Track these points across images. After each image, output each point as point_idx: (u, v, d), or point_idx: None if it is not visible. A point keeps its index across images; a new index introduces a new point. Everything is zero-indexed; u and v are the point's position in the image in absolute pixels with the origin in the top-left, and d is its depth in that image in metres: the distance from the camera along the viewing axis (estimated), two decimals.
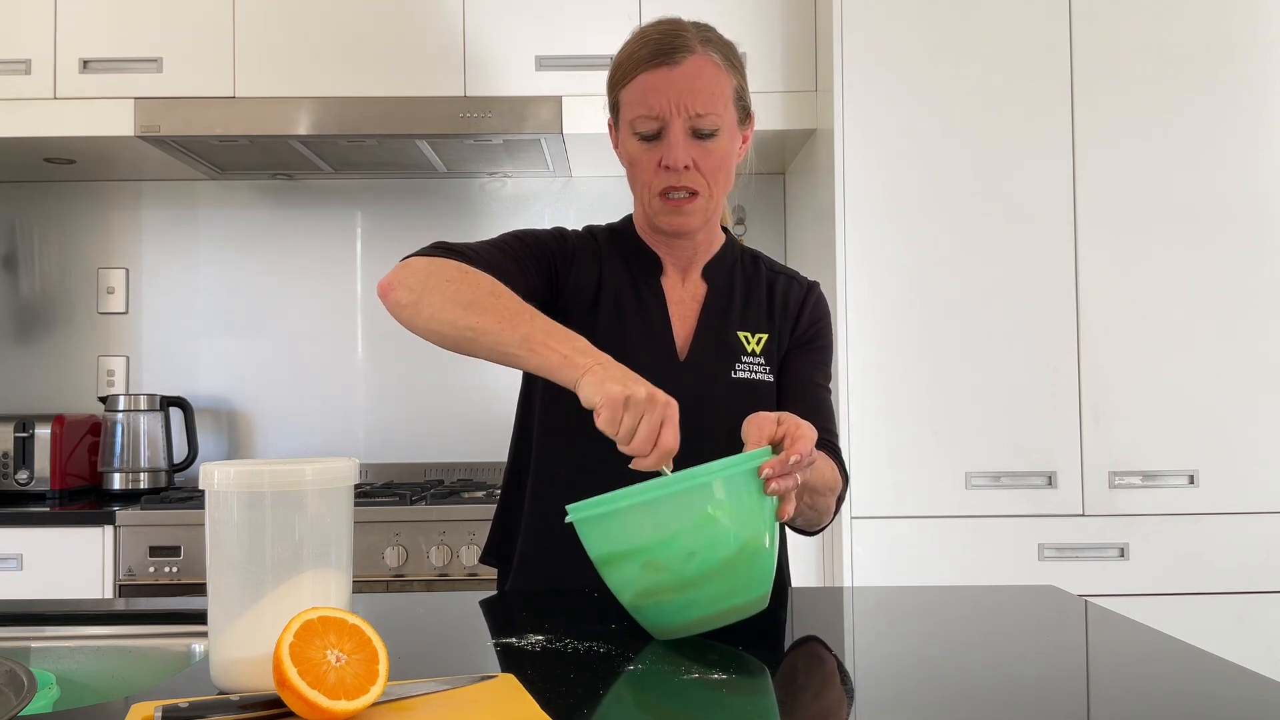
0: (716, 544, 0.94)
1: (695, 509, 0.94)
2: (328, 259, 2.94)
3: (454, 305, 1.12)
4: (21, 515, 2.32)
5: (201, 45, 2.51)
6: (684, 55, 1.25)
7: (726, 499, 0.95)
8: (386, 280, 1.17)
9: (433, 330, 1.14)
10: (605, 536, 0.96)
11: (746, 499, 0.97)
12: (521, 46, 2.51)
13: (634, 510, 0.94)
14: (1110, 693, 0.84)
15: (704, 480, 0.94)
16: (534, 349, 1.07)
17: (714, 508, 0.95)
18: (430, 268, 1.16)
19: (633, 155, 1.29)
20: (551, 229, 1.36)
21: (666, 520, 0.94)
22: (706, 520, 0.94)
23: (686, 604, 0.96)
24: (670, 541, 0.94)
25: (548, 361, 1.07)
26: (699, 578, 0.94)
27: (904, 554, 2.18)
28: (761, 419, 1.05)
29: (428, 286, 1.14)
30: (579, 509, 0.98)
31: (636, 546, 0.95)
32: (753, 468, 0.98)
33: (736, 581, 0.96)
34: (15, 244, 2.95)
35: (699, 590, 0.95)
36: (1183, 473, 2.20)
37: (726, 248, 1.40)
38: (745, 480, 0.97)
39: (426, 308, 1.13)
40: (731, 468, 0.96)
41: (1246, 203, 2.24)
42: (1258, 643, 2.16)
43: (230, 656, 0.82)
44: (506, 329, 1.09)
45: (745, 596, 0.98)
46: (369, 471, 2.85)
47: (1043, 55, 2.25)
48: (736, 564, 0.96)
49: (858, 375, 2.21)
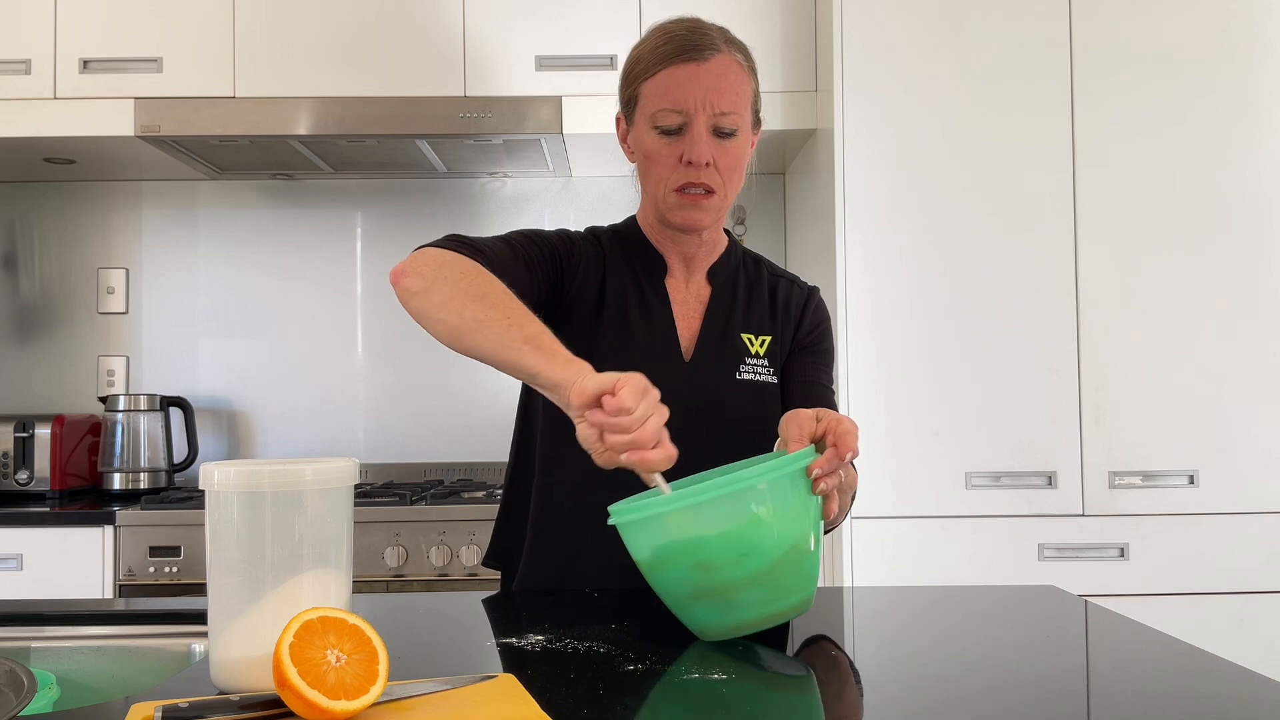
0: (767, 545, 0.94)
1: (746, 510, 0.93)
2: (328, 259, 2.94)
3: (464, 296, 1.11)
4: (21, 515, 2.32)
5: (201, 45, 2.51)
6: (711, 53, 1.25)
7: (777, 500, 0.95)
8: (400, 267, 1.16)
9: (439, 318, 1.12)
10: (653, 538, 0.96)
11: (795, 499, 0.96)
12: (521, 46, 2.51)
13: (684, 513, 0.93)
14: (1110, 693, 0.84)
15: (754, 481, 0.94)
16: (539, 346, 1.06)
17: (764, 509, 0.94)
18: (444, 258, 1.16)
19: (650, 149, 1.28)
20: (556, 230, 1.35)
21: (716, 522, 0.93)
22: (757, 521, 0.93)
23: (735, 605, 0.96)
24: (720, 542, 0.93)
25: (553, 358, 1.04)
26: (749, 579, 0.94)
27: (904, 554, 2.18)
28: (800, 416, 1.05)
29: (440, 275, 1.13)
30: (624, 511, 0.97)
31: (686, 548, 0.94)
32: (801, 467, 0.97)
33: (785, 583, 0.96)
34: (15, 244, 2.95)
35: (748, 592, 0.95)
36: (1183, 473, 2.20)
37: (730, 250, 1.40)
38: (794, 480, 0.97)
39: (437, 295, 1.12)
40: (781, 468, 0.95)
41: (1247, 202, 2.24)
42: (1258, 643, 2.16)
43: (230, 656, 0.82)
44: (514, 325, 1.08)
45: (794, 597, 0.98)
46: (369, 471, 2.85)
47: (1043, 55, 2.25)
48: (785, 565, 0.95)
49: (858, 375, 2.21)
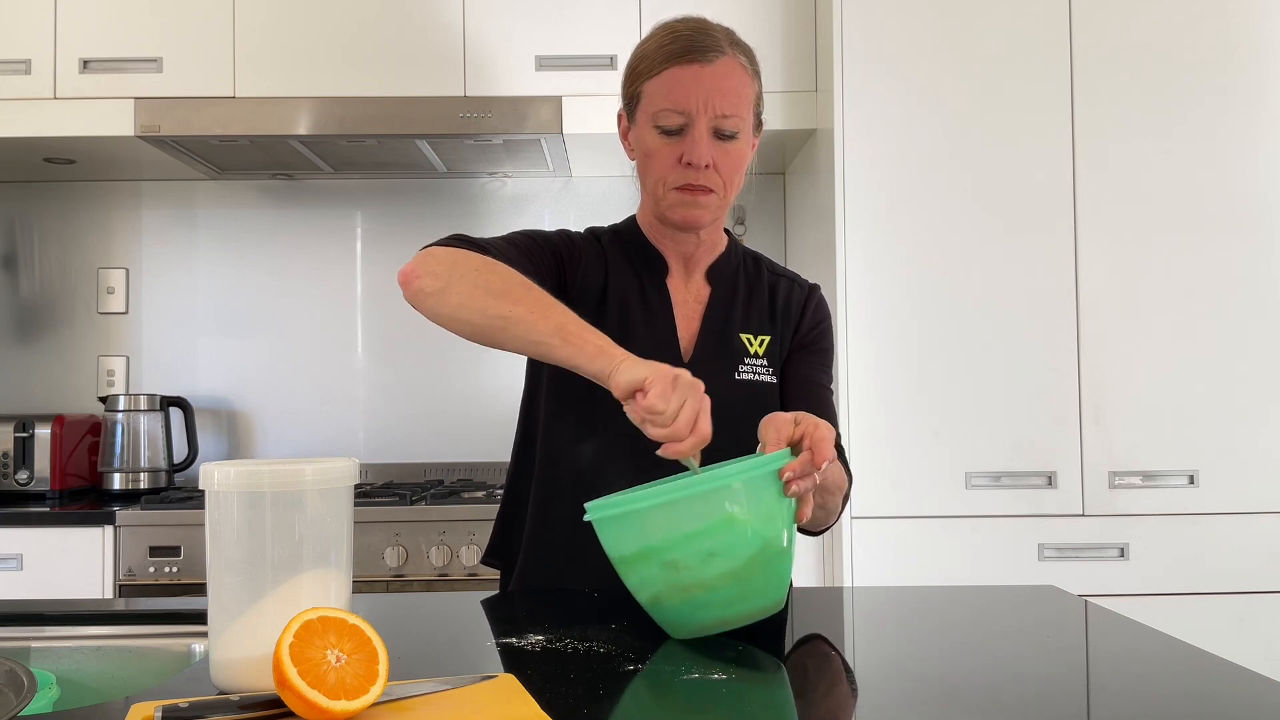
0: (737, 545, 0.94)
1: (716, 510, 0.94)
2: (328, 259, 2.94)
3: (484, 293, 1.11)
4: (21, 515, 2.32)
5: (201, 45, 2.51)
6: (716, 55, 1.25)
7: (748, 500, 0.95)
8: (409, 268, 1.14)
9: (459, 318, 1.12)
10: (625, 536, 0.96)
11: (767, 500, 0.97)
12: (521, 46, 2.51)
13: (655, 510, 0.94)
14: (1110, 693, 0.84)
15: (726, 481, 0.94)
16: (568, 339, 1.06)
17: (736, 508, 0.94)
18: (456, 256, 1.15)
19: (650, 148, 1.28)
20: (556, 231, 1.36)
21: (687, 520, 0.93)
22: (728, 521, 0.94)
23: (704, 604, 0.96)
24: (690, 541, 0.94)
25: (583, 350, 1.05)
26: (718, 578, 0.94)
27: (904, 554, 2.18)
28: (779, 420, 1.05)
29: (455, 274, 1.13)
30: (598, 508, 0.98)
31: (656, 546, 0.94)
32: (774, 469, 0.98)
33: (755, 583, 0.96)
34: (15, 244, 2.95)
35: (718, 591, 0.95)
36: (1183, 473, 2.20)
37: (729, 249, 1.40)
38: (766, 482, 0.97)
39: (454, 295, 1.12)
40: (754, 469, 0.96)
41: (1247, 202, 2.24)
42: (1258, 643, 2.16)
43: (230, 656, 0.82)
44: (540, 319, 1.08)
45: (763, 599, 0.98)
46: (369, 471, 2.85)
47: (1043, 55, 2.25)
48: (755, 566, 0.96)
49: (858, 375, 2.21)
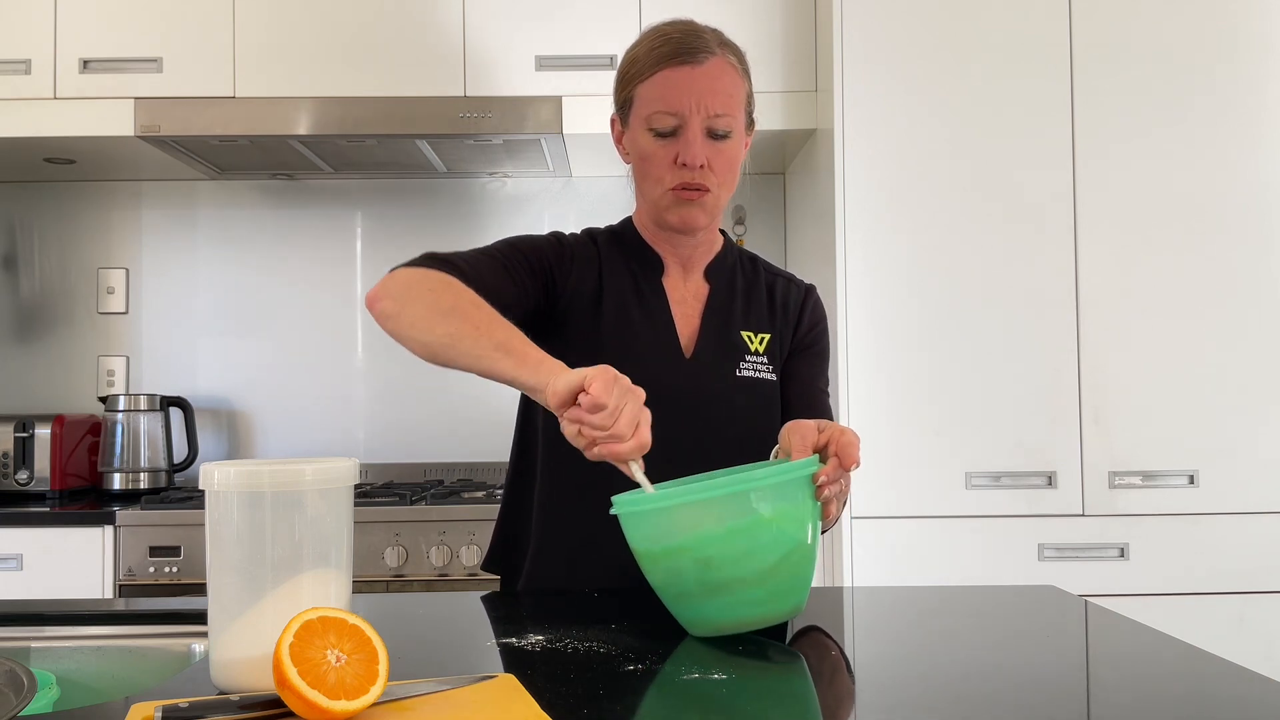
0: (770, 545, 0.97)
1: (753, 508, 0.96)
2: (328, 259, 2.94)
3: (433, 313, 1.12)
4: (21, 515, 2.32)
5: (201, 45, 2.51)
6: (706, 56, 1.26)
7: (783, 502, 0.98)
8: (373, 291, 1.17)
9: (414, 339, 1.14)
10: (657, 531, 0.98)
11: (798, 503, 0.99)
12: (521, 46, 2.51)
13: (691, 507, 0.96)
14: (1110, 693, 0.84)
15: (763, 483, 0.97)
16: (510, 352, 1.08)
17: (770, 509, 0.97)
18: (414, 277, 1.17)
19: (645, 150, 1.29)
20: (548, 235, 1.36)
21: (722, 518, 0.95)
22: (761, 522, 0.96)
23: (731, 603, 0.97)
24: (725, 540, 0.95)
25: (524, 363, 1.06)
26: (748, 578, 0.96)
27: (904, 554, 2.18)
28: (803, 427, 1.08)
29: (409, 296, 1.15)
30: (628, 502, 1.00)
31: (690, 542, 0.96)
32: (808, 475, 1.00)
33: (781, 584, 0.98)
34: (15, 244, 2.95)
35: (746, 591, 0.97)
36: (1183, 473, 2.20)
37: (726, 249, 1.41)
38: (800, 486, 1.00)
39: (408, 316, 1.14)
40: (789, 473, 0.99)
41: (1247, 202, 2.24)
42: (1258, 643, 2.16)
43: (230, 656, 0.82)
44: (484, 335, 1.10)
45: (786, 601, 1.00)
46: (369, 471, 2.85)
47: (1043, 55, 2.25)
48: (784, 567, 0.98)
49: (858, 375, 2.21)
